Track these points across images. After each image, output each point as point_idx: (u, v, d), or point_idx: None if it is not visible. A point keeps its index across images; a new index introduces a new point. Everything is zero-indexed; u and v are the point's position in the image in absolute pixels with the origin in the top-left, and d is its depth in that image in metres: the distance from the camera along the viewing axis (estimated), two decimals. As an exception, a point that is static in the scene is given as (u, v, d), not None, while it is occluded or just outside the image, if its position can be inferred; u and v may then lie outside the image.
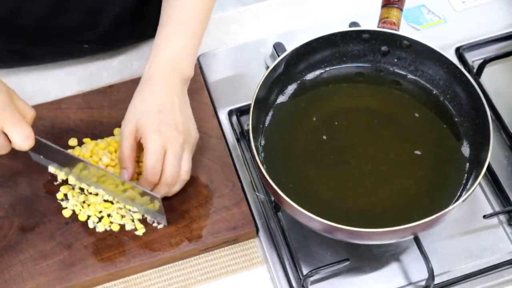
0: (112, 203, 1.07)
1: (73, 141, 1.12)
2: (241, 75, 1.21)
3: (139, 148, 1.04)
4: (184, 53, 1.06)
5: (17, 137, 0.96)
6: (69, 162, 1.06)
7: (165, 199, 1.05)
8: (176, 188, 1.05)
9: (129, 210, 1.07)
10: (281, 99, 1.11)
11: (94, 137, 1.12)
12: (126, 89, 1.14)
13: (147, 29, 1.22)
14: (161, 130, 1.01)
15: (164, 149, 1.01)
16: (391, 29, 1.08)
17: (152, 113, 1.02)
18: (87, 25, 1.17)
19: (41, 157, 1.08)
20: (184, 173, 1.04)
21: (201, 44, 1.24)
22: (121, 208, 1.06)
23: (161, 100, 1.03)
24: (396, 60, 1.12)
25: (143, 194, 1.02)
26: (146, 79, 1.05)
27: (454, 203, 0.99)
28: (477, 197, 1.09)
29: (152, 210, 1.04)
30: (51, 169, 1.09)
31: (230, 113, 1.17)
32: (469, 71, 1.18)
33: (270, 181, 0.98)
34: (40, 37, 1.17)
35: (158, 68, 1.05)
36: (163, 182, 1.02)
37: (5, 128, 0.95)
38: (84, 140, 1.12)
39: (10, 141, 0.97)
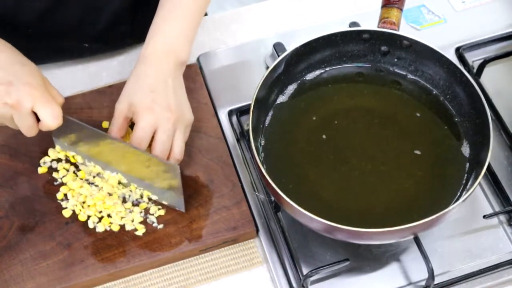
0: (113, 203, 1.07)
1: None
2: (241, 75, 1.21)
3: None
4: (180, 37, 1.07)
5: (47, 116, 0.98)
6: (96, 140, 1.06)
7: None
8: None
9: (130, 212, 1.07)
10: (281, 99, 1.11)
11: (94, 137, 1.13)
12: (126, 89, 1.14)
13: (147, 28, 1.22)
14: (153, 109, 1.02)
15: (154, 127, 1.02)
16: (391, 29, 1.08)
17: (145, 93, 1.03)
18: (87, 22, 1.18)
19: (65, 144, 1.09)
20: (177, 154, 1.04)
21: (201, 43, 1.25)
22: (120, 211, 1.06)
23: (154, 81, 1.04)
24: (396, 60, 1.12)
25: (164, 170, 1.03)
26: (141, 60, 1.06)
27: (454, 203, 0.99)
28: (477, 197, 1.09)
29: (171, 192, 1.05)
30: (79, 159, 1.10)
31: (230, 113, 1.17)
32: (469, 71, 1.18)
33: (270, 181, 0.98)
34: (40, 34, 1.17)
35: (153, 50, 1.06)
36: None
37: (35, 106, 0.97)
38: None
39: (37, 123, 0.99)
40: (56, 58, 1.23)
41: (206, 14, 1.38)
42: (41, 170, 1.10)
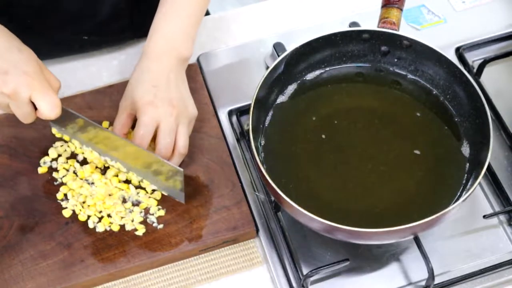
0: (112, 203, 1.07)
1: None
2: (241, 75, 1.21)
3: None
4: (182, 33, 1.08)
5: (46, 106, 0.97)
6: (92, 133, 1.07)
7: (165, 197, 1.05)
8: (174, 162, 1.06)
9: (130, 212, 1.07)
10: (281, 99, 1.11)
11: (94, 137, 1.13)
12: (126, 89, 1.14)
13: (146, 21, 1.22)
14: (155, 103, 1.03)
15: (157, 122, 1.03)
16: (391, 29, 1.08)
17: (147, 88, 1.04)
18: (86, 14, 1.18)
19: (63, 129, 1.09)
20: (181, 147, 1.05)
21: (201, 43, 1.25)
22: (120, 211, 1.06)
23: (157, 76, 1.05)
24: (396, 60, 1.12)
25: (167, 171, 1.03)
26: (144, 56, 1.07)
27: (454, 203, 0.99)
28: (477, 197, 1.09)
29: (172, 187, 1.05)
30: (76, 143, 1.10)
31: (230, 113, 1.17)
32: (469, 71, 1.18)
33: (270, 181, 0.98)
34: (38, 26, 1.17)
35: (155, 46, 1.07)
36: (157, 154, 1.03)
37: (33, 96, 0.97)
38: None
39: (35, 110, 0.98)
40: (57, 52, 1.22)
41: (208, 13, 1.38)
42: (41, 170, 1.10)
